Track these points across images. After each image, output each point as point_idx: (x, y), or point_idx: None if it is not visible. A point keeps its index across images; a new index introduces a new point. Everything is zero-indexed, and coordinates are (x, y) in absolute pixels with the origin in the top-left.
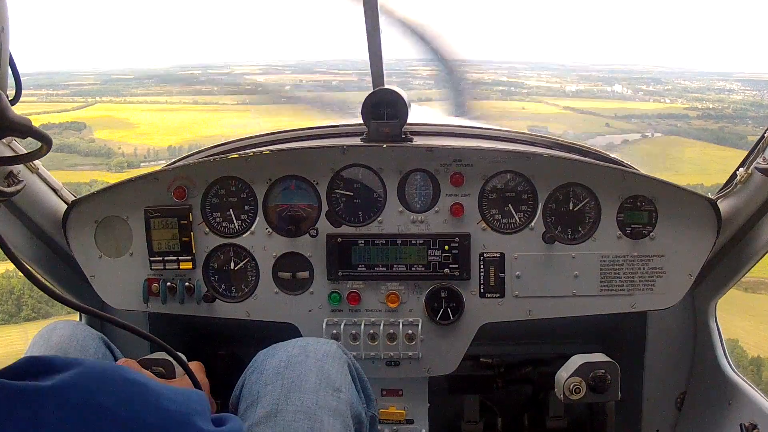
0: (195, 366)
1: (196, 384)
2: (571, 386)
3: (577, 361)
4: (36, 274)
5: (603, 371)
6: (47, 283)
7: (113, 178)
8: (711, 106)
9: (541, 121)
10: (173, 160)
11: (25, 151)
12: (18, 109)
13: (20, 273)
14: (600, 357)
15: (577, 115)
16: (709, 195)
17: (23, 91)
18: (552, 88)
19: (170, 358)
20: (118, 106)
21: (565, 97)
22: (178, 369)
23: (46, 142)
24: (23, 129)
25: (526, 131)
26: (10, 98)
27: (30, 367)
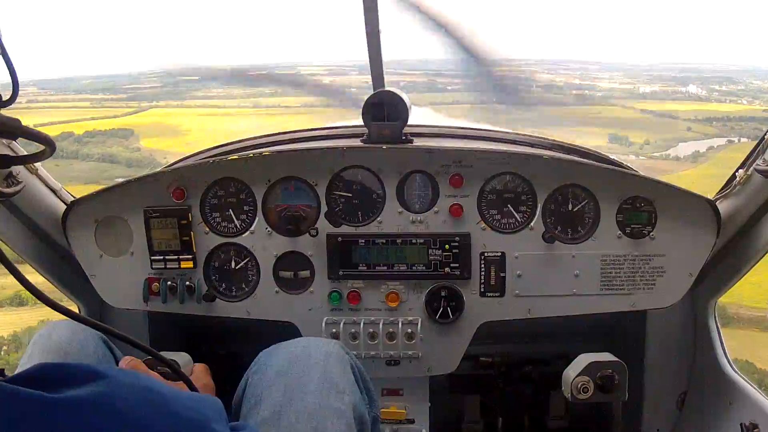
0: (200, 368)
1: (215, 388)
2: (579, 385)
3: (584, 360)
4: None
5: (610, 371)
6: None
7: None
8: None
9: (620, 127)
10: (173, 161)
11: (25, 153)
12: (67, 115)
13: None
14: (607, 356)
15: (656, 118)
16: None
17: (78, 96)
18: (626, 90)
19: (175, 359)
20: (174, 110)
21: (640, 99)
22: (185, 368)
23: (48, 145)
24: (10, 129)
25: (526, 133)
26: (5, 99)
27: (43, 373)
